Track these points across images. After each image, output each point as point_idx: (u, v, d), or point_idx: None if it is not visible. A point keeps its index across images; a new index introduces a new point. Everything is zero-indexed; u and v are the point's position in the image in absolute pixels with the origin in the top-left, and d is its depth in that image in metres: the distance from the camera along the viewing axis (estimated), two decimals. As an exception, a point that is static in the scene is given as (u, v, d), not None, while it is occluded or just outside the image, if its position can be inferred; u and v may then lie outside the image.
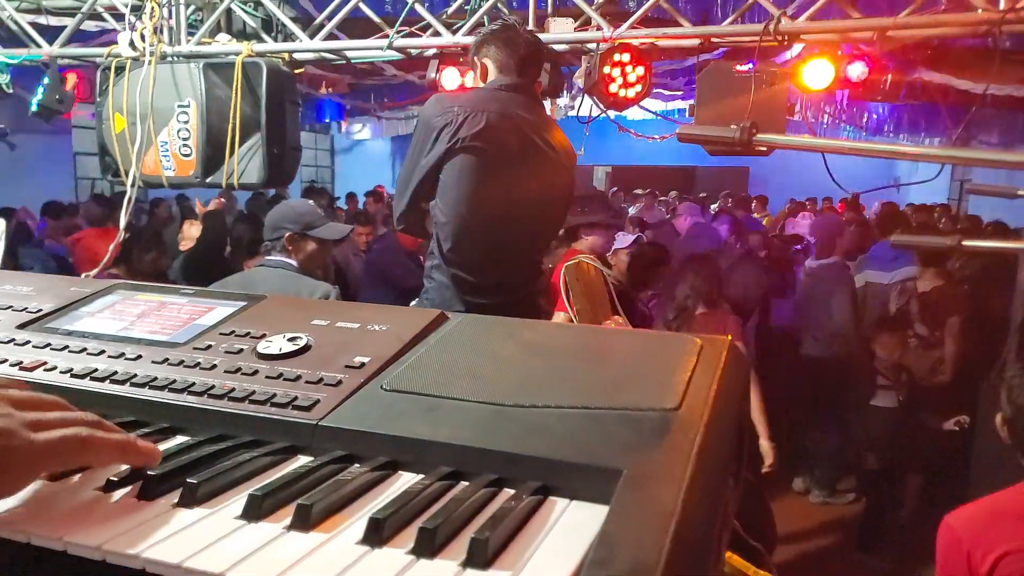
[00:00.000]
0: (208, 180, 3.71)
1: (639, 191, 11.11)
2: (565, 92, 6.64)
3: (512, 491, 0.64)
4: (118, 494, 0.61)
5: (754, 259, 5.26)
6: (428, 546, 0.54)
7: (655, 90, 7.36)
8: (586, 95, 3.98)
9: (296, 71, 4.06)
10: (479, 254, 2.10)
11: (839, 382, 4.65)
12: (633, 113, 7.08)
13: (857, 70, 3.55)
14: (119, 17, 3.86)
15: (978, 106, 4.48)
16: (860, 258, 5.34)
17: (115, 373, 0.81)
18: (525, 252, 2.20)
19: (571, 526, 0.59)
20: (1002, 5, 3.13)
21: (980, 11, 3.16)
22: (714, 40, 3.65)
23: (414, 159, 2.11)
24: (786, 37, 3.41)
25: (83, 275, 1.69)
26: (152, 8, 3.43)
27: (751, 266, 4.86)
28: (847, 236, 5.53)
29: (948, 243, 1.59)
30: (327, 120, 9.90)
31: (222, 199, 5.21)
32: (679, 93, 7.78)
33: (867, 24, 3.39)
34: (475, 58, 2.22)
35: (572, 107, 6.08)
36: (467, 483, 0.65)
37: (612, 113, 4.47)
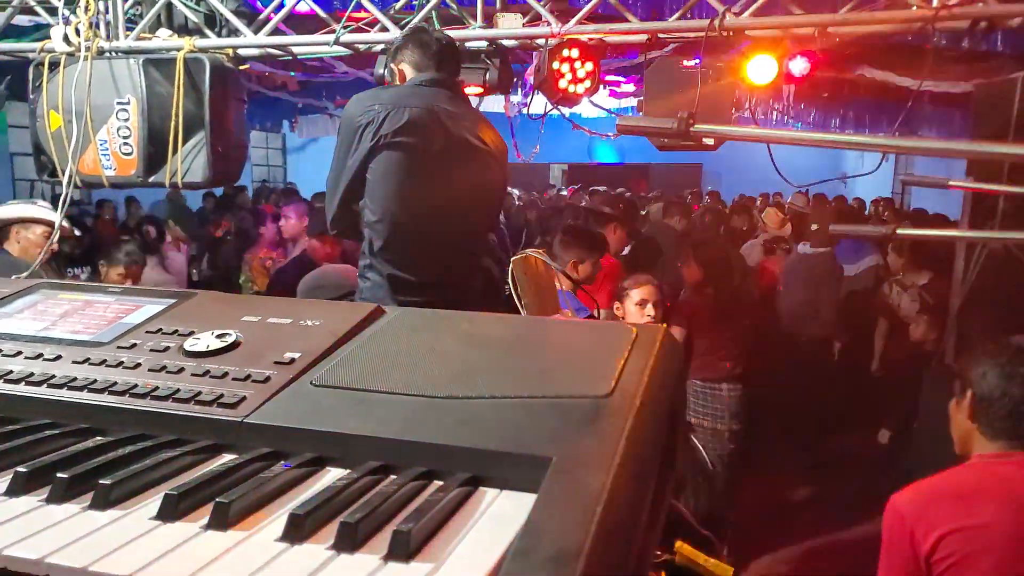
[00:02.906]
0: (151, 180, 3.60)
1: (597, 188, 11.20)
2: (519, 90, 6.62)
3: (441, 483, 0.63)
4: (24, 498, 0.59)
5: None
6: (350, 541, 0.53)
7: (608, 88, 7.41)
8: (538, 92, 3.99)
9: (241, 67, 3.96)
10: (412, 251, 2.08)
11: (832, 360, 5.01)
12: (587, 111, 7.09)
13: (799, 66, 3.63)
14: (53, 11, 3.70)
15: (915, 102, 4.62)
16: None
17: (31, 375, 0.77)
18: (460, 248, 2.18)
19: (498, 516, 0.59)
20: (935, 2, 3.23)
21: (915, 8, 3.27)
22: (661, 36, 3.69)
23: (340, 161, 2.09)
24: (731, 33, 3.47)
25: (13, 277, 1.62)
26: (87, 2, 3.29)
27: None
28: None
29: (883, 231, 1.64)
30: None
31: None
32: (631, 90, 7.83)
33: (808, 20, 3.47)
34: (392, 66, 2.21)
35: (526, 104, 6.08)
36: (395, 476, 0.64)
37: (566, 111, 4.48)
